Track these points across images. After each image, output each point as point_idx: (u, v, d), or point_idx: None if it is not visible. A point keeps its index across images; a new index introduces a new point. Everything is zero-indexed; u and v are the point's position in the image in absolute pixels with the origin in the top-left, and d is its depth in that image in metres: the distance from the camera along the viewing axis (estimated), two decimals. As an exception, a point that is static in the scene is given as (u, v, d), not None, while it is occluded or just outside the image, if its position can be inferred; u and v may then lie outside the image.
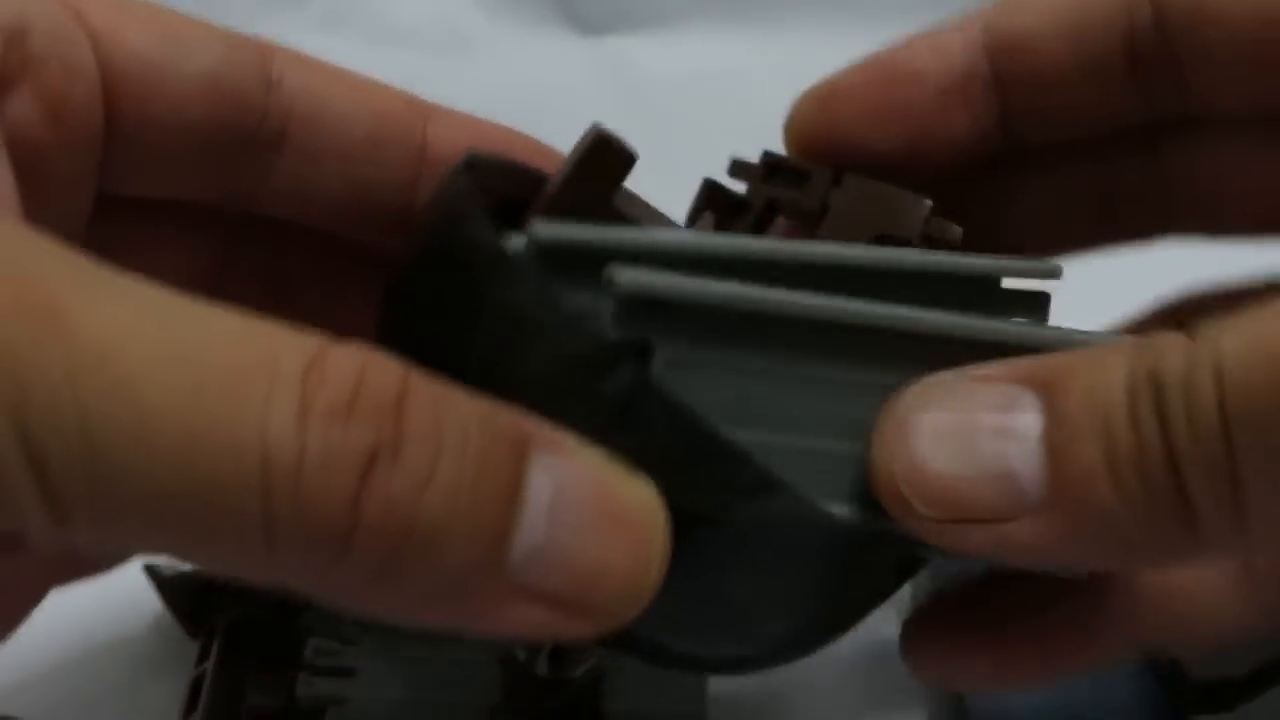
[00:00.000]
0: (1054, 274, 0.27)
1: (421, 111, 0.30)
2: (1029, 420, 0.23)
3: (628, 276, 0.22)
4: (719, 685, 0.35)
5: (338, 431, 0.19)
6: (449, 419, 0.20)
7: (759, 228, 0.29)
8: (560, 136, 0.29)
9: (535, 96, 0.28)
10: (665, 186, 0.29)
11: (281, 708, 0.35)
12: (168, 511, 0.19)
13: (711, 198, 0.29)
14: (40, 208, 0.26)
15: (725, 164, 0.30)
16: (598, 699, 0.33)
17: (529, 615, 0.21)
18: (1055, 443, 0.23)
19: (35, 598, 0.29)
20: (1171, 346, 0.22)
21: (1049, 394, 0.23)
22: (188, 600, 0.37)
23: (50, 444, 0.19)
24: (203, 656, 0.36)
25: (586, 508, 0.21)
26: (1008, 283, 0.27)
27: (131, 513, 0.19)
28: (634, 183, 0.27)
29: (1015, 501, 0.23)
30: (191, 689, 0.35)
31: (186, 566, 0.38)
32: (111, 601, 0.40)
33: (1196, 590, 0.29)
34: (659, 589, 0.22)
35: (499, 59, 0.62)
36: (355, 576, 0.20)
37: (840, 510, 0.24)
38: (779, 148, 0.30)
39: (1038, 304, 0.27)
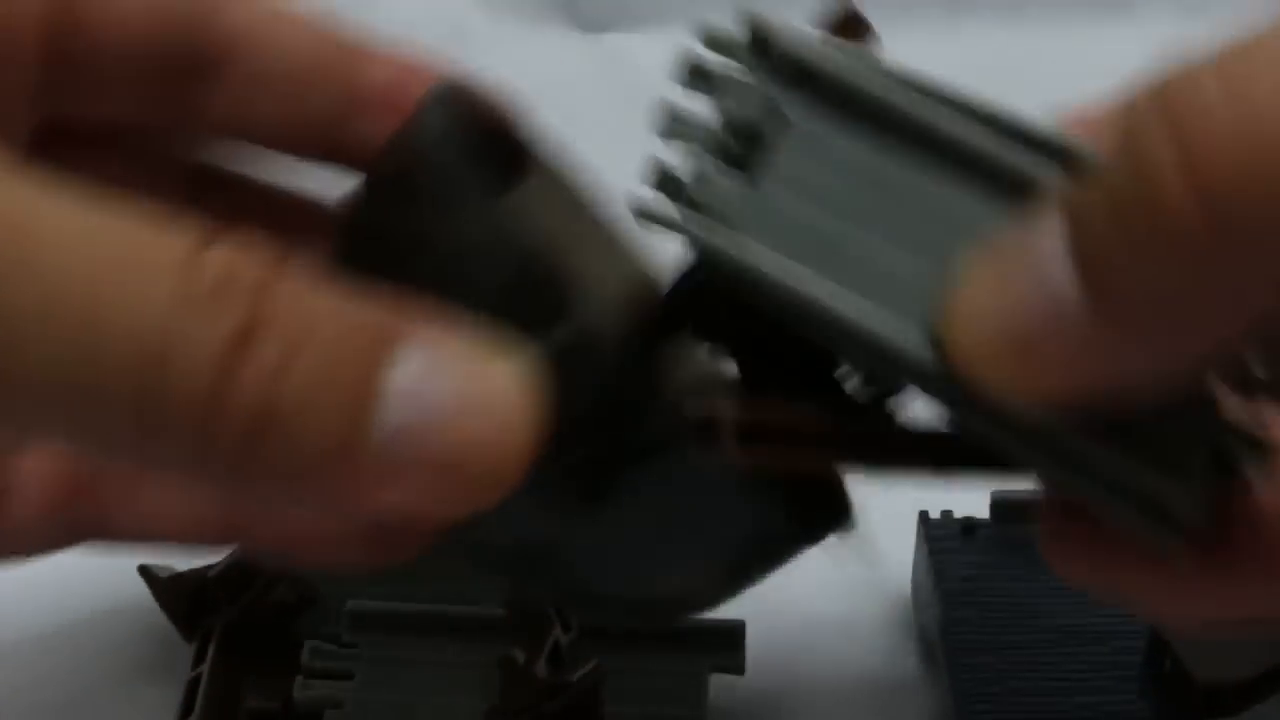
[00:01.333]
0: None
1: (354, 53, 0.30)
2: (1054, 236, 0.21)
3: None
4: (719, 690, 0.35)
5: (198, 319, 0.20)
6: (313, 309, 0.21)
7: None
8: (559, 133, 0.29)
9: (535, 93, 0.28)
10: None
11: (278, 710, 0.35)
12: (59, 393, 0.20)
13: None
14: None
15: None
16: (597, 702, 0.32)
17: (395, 494, 0.21)
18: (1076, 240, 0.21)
19: None
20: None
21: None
22: (183, 603, 0.37)
23: None
24: (199, 659, 0.36)
25: (449, 391, 0.21)
26: None
27: (28, 390, 0.20)
28: (629, 181, 0.27)
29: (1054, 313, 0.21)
30: (187, 692, 0.35)
31: (182, 568, 0.37)
32: (106, 604, 0.40)
33: None
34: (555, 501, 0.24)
35: (499, 56, 0.61)
36: (220, 459, 0.21)
37: (914, 350, 0.23)
38: None
39: None
